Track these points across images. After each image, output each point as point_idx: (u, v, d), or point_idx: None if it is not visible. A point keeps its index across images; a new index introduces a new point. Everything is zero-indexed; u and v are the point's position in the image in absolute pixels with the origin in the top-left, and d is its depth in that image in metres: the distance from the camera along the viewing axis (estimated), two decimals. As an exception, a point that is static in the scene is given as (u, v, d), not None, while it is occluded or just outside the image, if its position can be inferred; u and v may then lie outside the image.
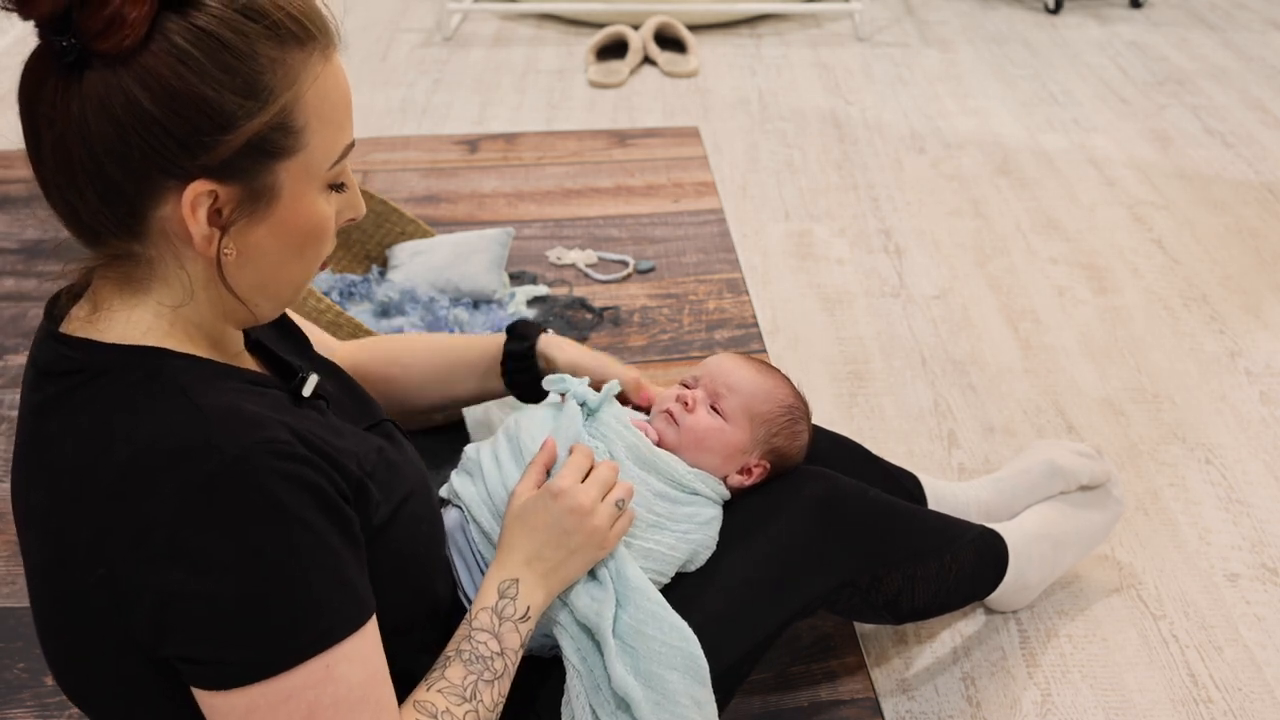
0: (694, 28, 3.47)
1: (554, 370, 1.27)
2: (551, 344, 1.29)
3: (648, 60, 3.29)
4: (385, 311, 1.94)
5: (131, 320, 0.84)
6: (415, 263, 2.04)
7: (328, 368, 1.07)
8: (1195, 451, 1.79)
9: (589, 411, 1.15)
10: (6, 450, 1.79)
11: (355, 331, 1.71)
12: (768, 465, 1.21)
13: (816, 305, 2.16)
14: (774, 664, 1.41)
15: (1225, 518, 1.66)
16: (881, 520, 1.26)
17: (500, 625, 0.99)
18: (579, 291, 2.16)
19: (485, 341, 1.32)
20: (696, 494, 1.15)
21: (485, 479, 1.12)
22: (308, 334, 1.13)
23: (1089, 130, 2.86)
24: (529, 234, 2.36)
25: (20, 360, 2.01)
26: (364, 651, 0.83)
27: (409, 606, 0.97)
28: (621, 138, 2.80)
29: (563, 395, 1.19)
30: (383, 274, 2.07)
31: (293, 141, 0.81)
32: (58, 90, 0.76)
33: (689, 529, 1.13)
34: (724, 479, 1.19)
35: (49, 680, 1.41)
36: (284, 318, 1.08)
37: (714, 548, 1.15)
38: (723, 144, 2.78)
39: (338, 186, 0.87)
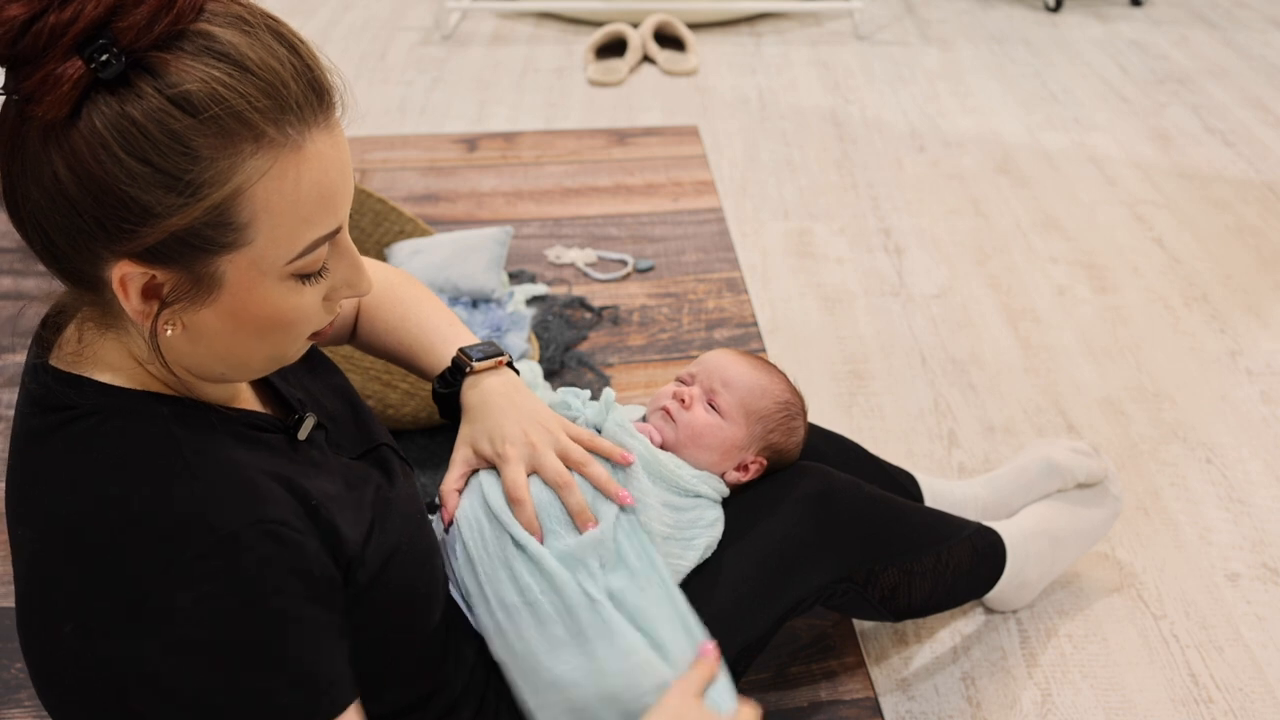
0: (693, 26, 3.47)
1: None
2: (469, 388, 1.13)
3: (647, 59, 3.28)
4: (384, 311, 1.94)
5: (115, 358, 0.81)
6: (414, 262, 2.04)
7: (332, 384, 1.03)
8: (1196, 451, 1.79)
9: (596, 429, 1.14)
10: (6, 450, 1.79)
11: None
12: (764, 461, 1.20)
13: (816, 304, 2.15)
14: (774, 664, 1.41)
15: (1226, 517, 1.66)
16: (876, 515, 1.25)
17: None
18: (578, 290, 2.16)
19: (439, 355, 1.18)
20: (700, 496, 1.14)
21: (485, 494, 1.08)
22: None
23: (1089, 129, 2.85)
24: (528, 233, 2.35)
25: (20, 360, 2.00)
26: None
27: (406, 630, 0.95)
28: (621, 136, 2.79)
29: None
30: (381, 273, 2.07)
31: (233, 237, 0.73)
32: (7, 140, 0.72)
33: (695, 534, 1.13)
34: (721, 476, 1.19)
35: (47, 680, 1.41)
36: None
37: (715, 548, 1.15)
38: (722, 143, 2.78)
39: (312, 275, 0.79)
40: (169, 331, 0.77)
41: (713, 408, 1.19)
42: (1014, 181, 2.60)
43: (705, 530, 1.13)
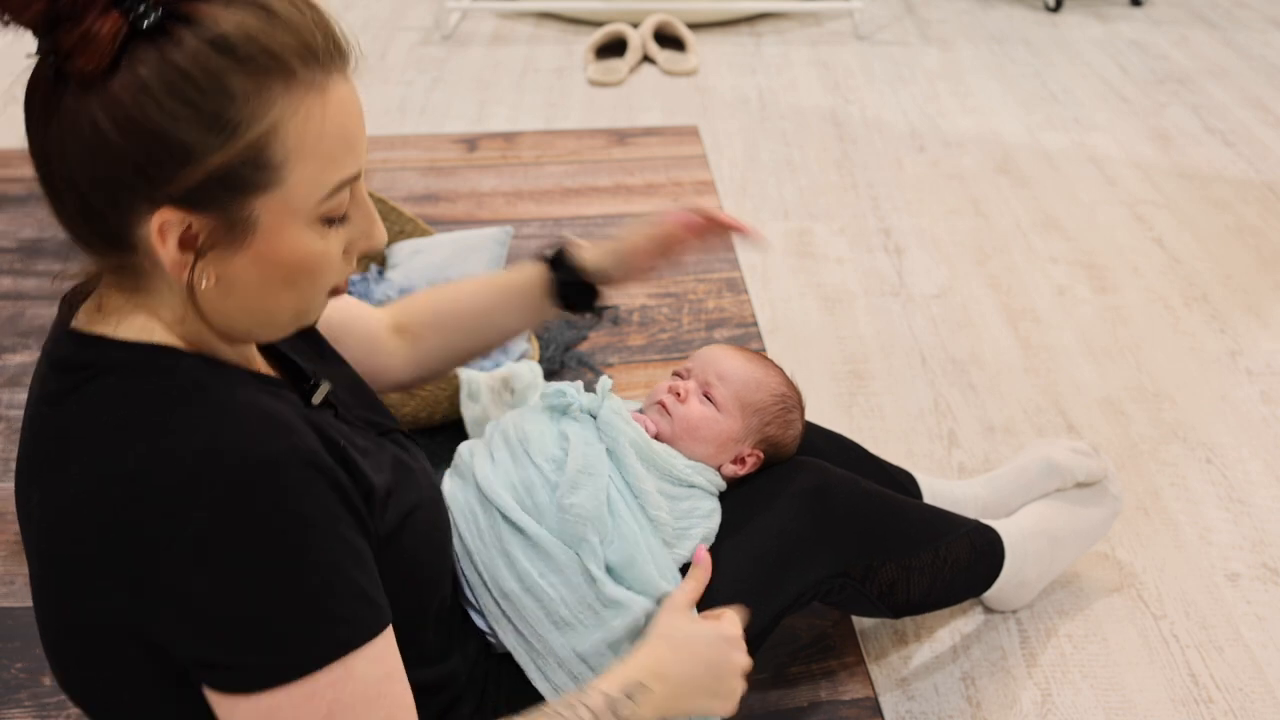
0: (693, 26, 3.47)
1: (594, 273, 1.21)
2: (583, 253, 1.22)
3: (647, 59, 3.28)
4: (384, 311, 1.94)
5: (138, 320, 0.83)
6: (414, 262, 2.04)
7: (341, 371, 1.05)
8: (1196, 451, 1.79)
9: (591, 415, 1.15)
10: (6, 450, 1.79)
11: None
12: (761, 454, 1.21)
13: (816, 304, 2.15)
14: (774, 664, 1.41)
15: (1226, 517, 1.66)
16: (873, 510, 1.25)
17: (607, 718, 0.95)
18: (578, 290, 2.16)
19: (524, 270, 1.25)
20: (694, 487, 1.15)
21: (478, 480, 1.11)
22: (342, 305, 1.12)
23: (1089, 129, 2.85)
24: (528, 233, 2.35)
25: (19, 360, 2.00)
26: (381, 652, 0.83)
27: (412, 612, 0.96)
28: (621, 136, 2.79)
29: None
30: (381, 273, 2.07)
31: (267, 176, 0.77)
32: (42, 103, 0.75)
33: (691, 524, 1.13)
34: (718, 469, 1.19)
35: (47, 680, 1.41)
36: None
37: (712, 540, 1.15)
38: (722, 143, 2.78)
39: (336, 220, 0.83)
40: (204, 283, 0.80)
41: (708, 400, 1.19)
42: (1014, 181, 2.60)
43: (702, 521, 1.14)
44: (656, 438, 1.17)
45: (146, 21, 0.72)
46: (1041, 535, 1.45)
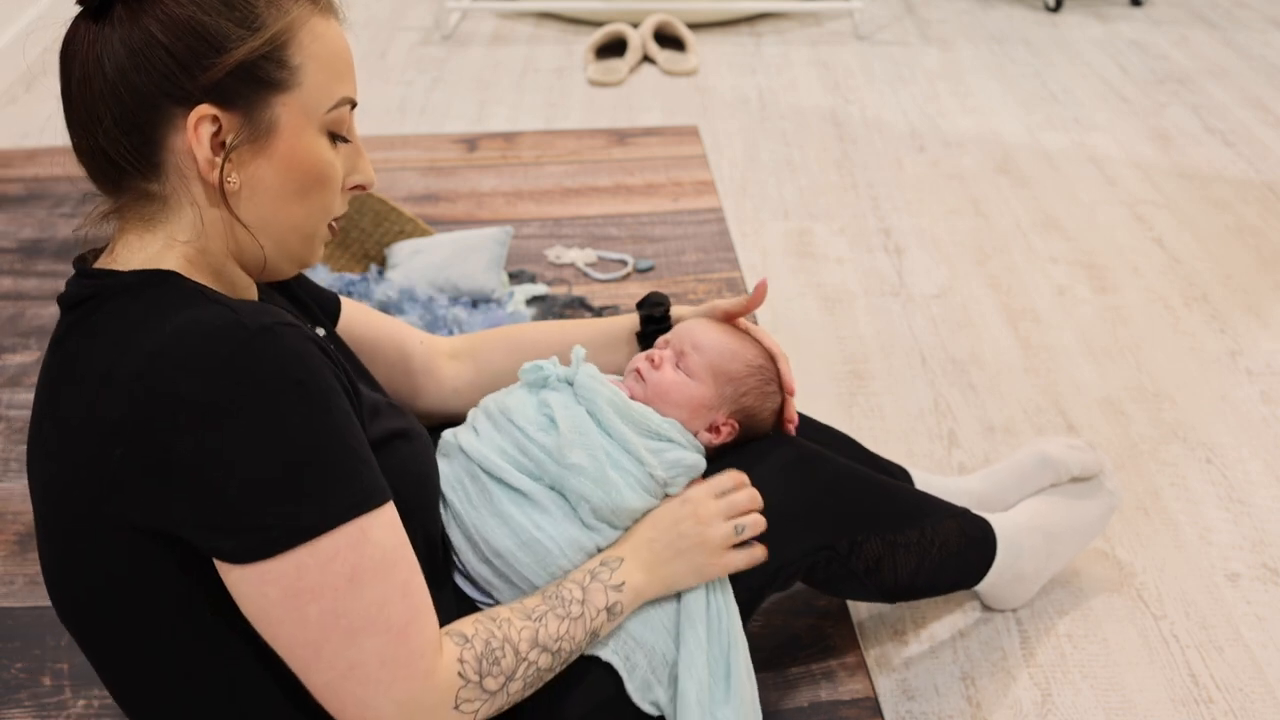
0: (693, 26, 3.47)
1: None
2: (680, 309, 1.32)
3: (647, 59, 3.28)
4: (384, 310, 1.94)
5: (145, 250, 0.91)
6: (414, 262, 2.04)
7: (337, 340, 1.12)
8: (1196, 451, 1.79)
9: (568, 383, 1.17)
10: (6, 450, 1.79)
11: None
12: (737, 424, 1.21)
13: (816, 304, 2.15)
14: (774, 664, 1.41)
15: (1226, 517, 1.66)
16: (856, 484, 1.26)
17: (590, 582, 1.04)
18: (578, 290, 2.16)
19: (616, 322, 1.32)
20: (673, 441, 1.16)
21: (465, 450, 1.13)
22: (373, 322, 1.21)
23: (1089, 129, 2.85)
24: (528, 233, 2.35)
25: (19, 360, 2.00)
26: (392, 519, 0.88)
27: None
28: (621, 136, 2.79)
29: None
30: (381, 273, 2.07)
31: (286, 75, 0.89)
32: (87, 36, 0.87)
33: (676, 474, 1.14)
34: (695, 435, 1.20)
35: (47, 680, 1.41)
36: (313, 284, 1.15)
37: (700, 471, 1.17)
38: (722, 143, 2.78)
39: (339, 138, 0.94)
40: (230, 184, 0.89)
41: (682, 369, 1.20)
42: (1014, 181, 2.60)
43: (688, 471, 1.15)
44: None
45: None
46: (1037, 530, 1.44)
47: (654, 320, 1.30)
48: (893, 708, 1.37)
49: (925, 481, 1.49)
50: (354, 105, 0.95)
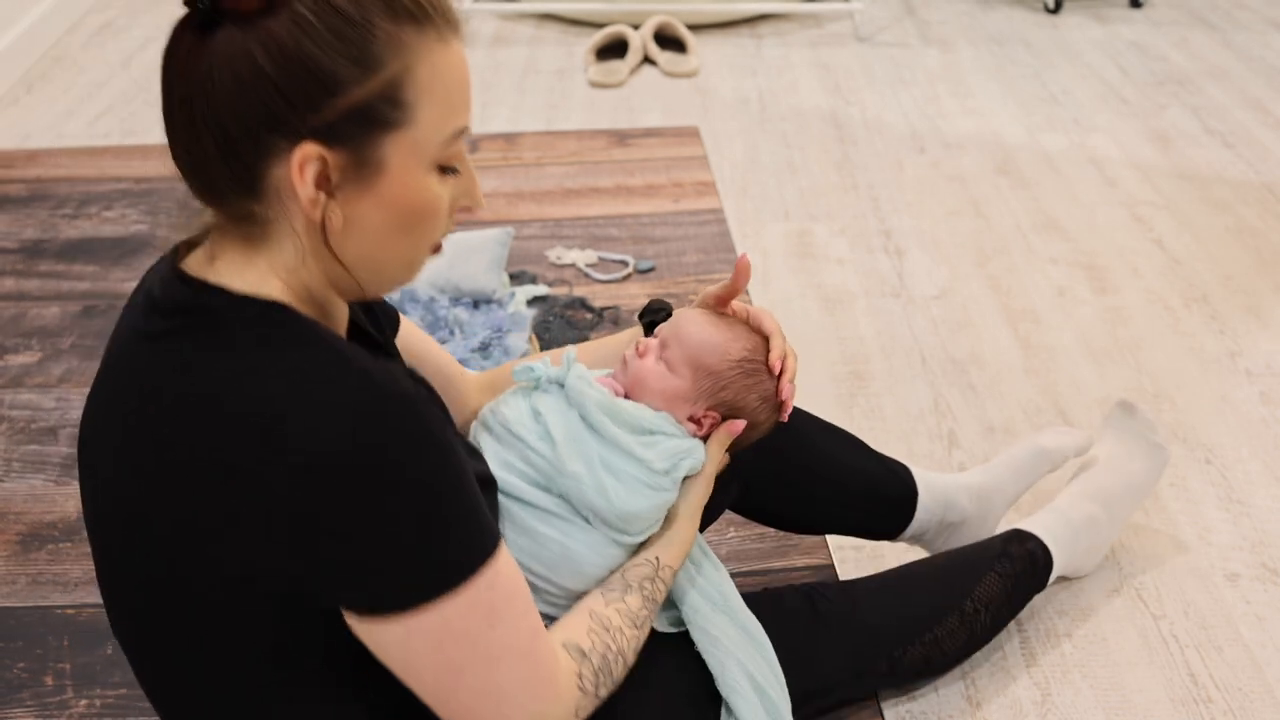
0: (694, 27, 3.47)
1: None
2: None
3: (648, 60, 3.29)
4: (385, 311, 1.94)
5: (249, 274, 0.87)
6: (415, 262, 2.04)
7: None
8: (1195, 451, 1.79)
9: (560, 384, 1.17)
10: (7, 450, 1.79)
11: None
12: (718, 416, 1.19)
13: (816, 305, 2.16)
14: (774, 664, 1.41)
15: (1225, 518, 1.66)
16: (878, 604, 1.29)
17: (671, 582, 1.10)
18: (579, 291, 2.16)
19: (622, 337, 1.33)
20: (666, 433, 1.15)
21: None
22: (419, 338, 1.20)
23: (1089, 130, 2.86)
24: (529, 234, 2.36)
25: (20, 360, 2.01)
26: (509, 557, 0.92)
27: None
28: (621, 137, 2.80)
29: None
30: (383, 274, 2.07)
31: (400, 115, 0.84)
32: (190, 49, 0.81)
33: (674, 463, 1.14)
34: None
35: (49, 680, 1.41)
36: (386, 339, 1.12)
37: (701, 461, 1.17)
38: (723, 144, 2.78)
39: (449, 170, 0.89)
40: (333, 221, 0.85)
41: (662, 359, 1.19)
42: (1014, 183, 2.61)
43: (687, 456, 1.15)
44: (620, 394, 1.19)
45: None
46: (1094, 501, 1.50)
47: (657, 325, 1.30)
48: (893, 707, 1.37)
49: (925, 479, 1.50)
50: (468, 130, 0.91)
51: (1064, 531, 1.46)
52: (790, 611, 1.24)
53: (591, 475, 1.08)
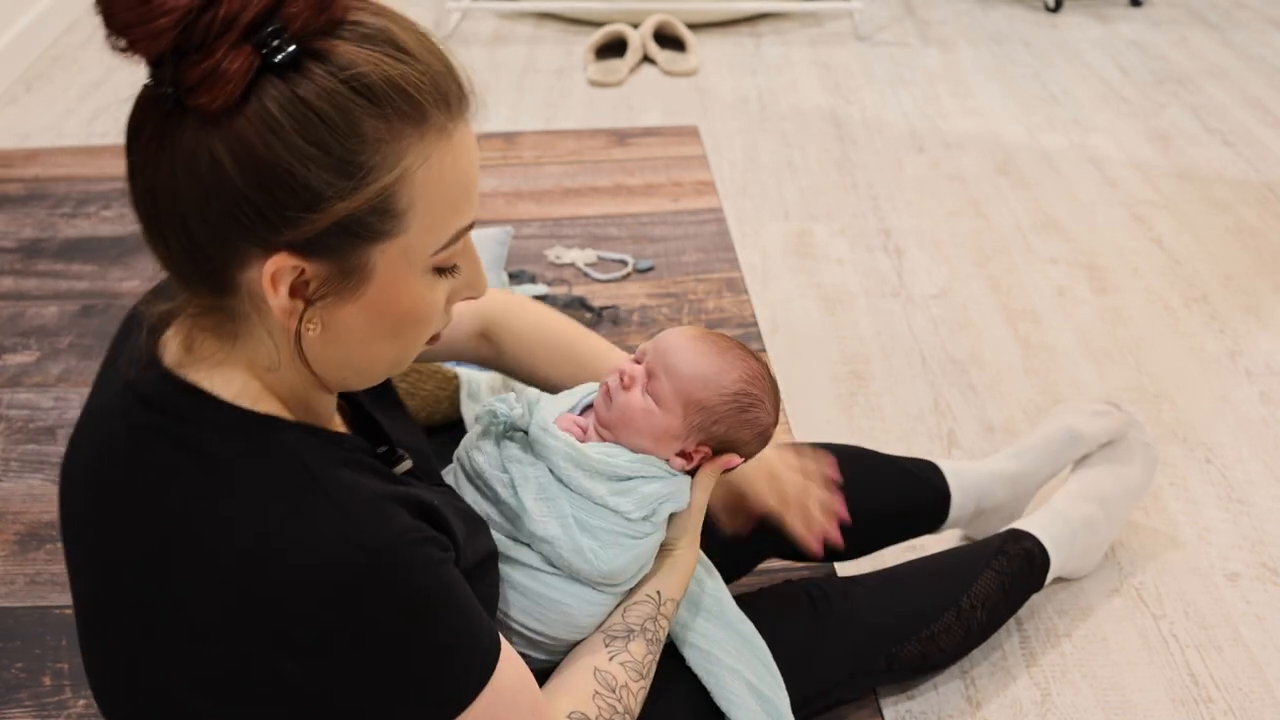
0: (693, 26, 3.47)
1: None
2: None
3: (647, 59, 3.28)
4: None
5: (235, 374, 0.79)
6: (414, 262, 2.04)
7: (404, 425, 1.03)
8: (1195, 451, 1.79)
9: (524, 431, 1.09)
10: (6, 450, 1.79)
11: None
12: (709, 450, 1.12)
13: (816, 305, 2.15)
14: (773, 664, 1.41)
15: (1225, 517, 1.66)
16: (875, 603, 1.28)
17: (674, 615, 1.07)
18: (578, 291, 2.16)
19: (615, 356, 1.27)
20: (643, 476, 1.08)
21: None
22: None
23: (1089, 130, 2.86)
24: (528, 233, 2.35)
25: (19, 360, 2.00)
26: (507, 654, 0.86)
27: None
28: (621, 137, 2.79)
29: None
30: (382, 273, 2.07)
31: (391, 225, 0.73)
32: (153, 137, 0.71)
33: (654, 508, 1.08)
34: (666, 461, 1.11)
35: (47, 680, 1.41)
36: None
37: (685, 501, 1.11)
38: (722, 143, 2.78)
39: (447, 269, 0.80)
40: (311, 331, 0.77)
41: (650, 393, 1.10)
42: (1014, 182, 2.60)
43: (669, 500, 1.08)
44: (600, 424, 1.11)
45: (280, 56, 0.68)
46: (1090, 501, 1.50)
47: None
48: (893, 708, 1.37)
49: (955, 470, 1.50)
50: (472, 226, 0.80)
51: (1061, 531, 1.46)
52: (790, 611, 1.24)
53: (567, 537, 1.02)
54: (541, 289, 2.13)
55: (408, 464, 0.91)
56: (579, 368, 1.23)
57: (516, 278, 2.18)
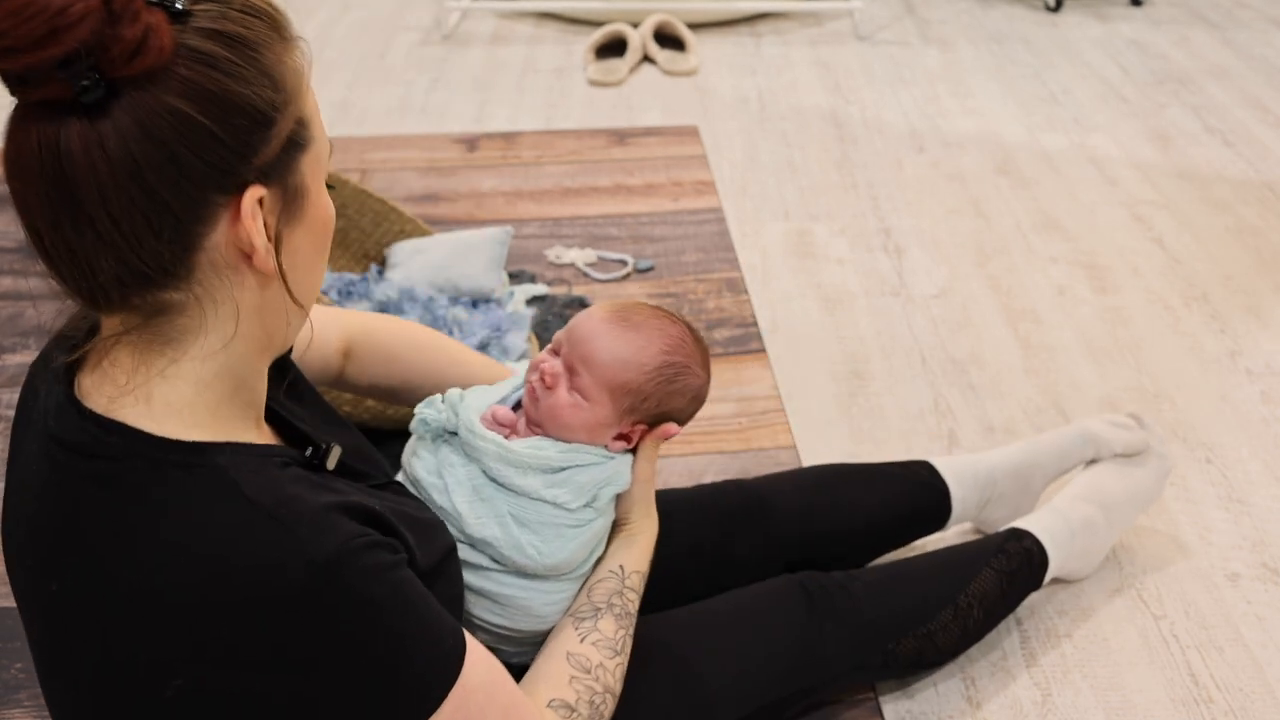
0: (693, 26, 3.47)
1: None
2: None
3: (647, 59, 3.28)
4: (384, 310, 1.94)
5: (161, 403, 0.79)
6: (414, 262, 2.04)
7: (340, 425, 1.03)
8: (1196, 451, 1.79)
9: (453, 433, 1.09)
10: (4, 450, 1.79)
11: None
12: (646, 425, 1.12)
13: (816, 305, 2.15)
14: (773, 664, 1.41)
15: (1226, 517, 1.66)
16: (873, 596, 1.28)
17: (642, 588, 1.07)
18: (578, 291, 2.16)
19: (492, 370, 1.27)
20: (578, 465, 1.08)
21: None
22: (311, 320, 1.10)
23: (1089, 129, 2.85)
24: (528, 233, 2.35)
25: (19, 360, 2.00)
26: (474, 652, 0.86)
27: None
28: (620, 136, 2.79)
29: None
30: (381, 273, 2.07)
31: (307, 132, 0.80)
32: (83, 138, 0.70)
33: (594, 493, 1.07)
34: (605, 447, 1.11)
35: (46, 680, 1.41)
36: (296, 376, 1.02)
37: (627, 481, 1.10)
38: (722, 143, 2.78)
39: (330, 185, 0.86)
40: (286, 267, 0.80)
41: (575, 388, 1.09)
42: (1014, 182, 2.60)
43: (608, 482, 1.08)
44: (529, 422, 1.10)
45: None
46: (1092, 504, 1.49)
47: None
48: (893, 707, 1.37)
49: (952, 465, 1.50)
50: None
51: (1061, 532, 1.45)
52: (787, 604, 1.24)
53: (506, 535, 1.02)
54: (541, 289, 2.13)
55: (337, 451, 0.90)
56: (452, 362, 1.24)
57: (516, 278, 2.18)
